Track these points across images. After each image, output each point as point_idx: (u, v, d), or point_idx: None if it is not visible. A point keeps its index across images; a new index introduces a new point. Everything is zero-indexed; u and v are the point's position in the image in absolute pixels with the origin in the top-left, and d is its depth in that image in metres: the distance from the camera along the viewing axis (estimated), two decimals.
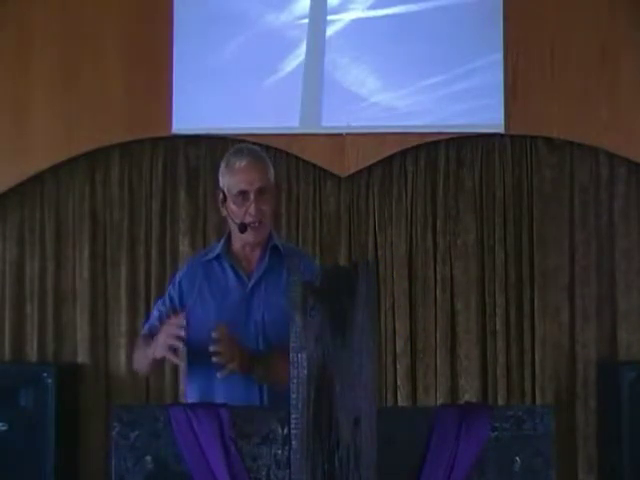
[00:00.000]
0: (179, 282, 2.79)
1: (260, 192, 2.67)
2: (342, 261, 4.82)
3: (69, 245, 5.02)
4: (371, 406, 1.85)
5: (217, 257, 2.76)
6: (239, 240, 2.75)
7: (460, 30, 4.85)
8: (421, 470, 1.91)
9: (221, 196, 2.74)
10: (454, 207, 4.91)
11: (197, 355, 2.63)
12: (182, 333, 2.49)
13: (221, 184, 2.73)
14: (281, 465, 1.90)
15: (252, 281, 2.71)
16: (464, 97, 4.83)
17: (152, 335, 2.70)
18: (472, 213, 4.90)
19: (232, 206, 2.69)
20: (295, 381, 1.85)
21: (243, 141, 4.93)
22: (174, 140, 4.99)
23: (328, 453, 1.81)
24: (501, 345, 4.80)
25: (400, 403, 4.67)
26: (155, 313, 2.83)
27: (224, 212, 2.75)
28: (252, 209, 2.65)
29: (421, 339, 4.86)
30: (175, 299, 2.78)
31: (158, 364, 2.70)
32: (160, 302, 2.85)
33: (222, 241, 2.79)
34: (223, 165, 2.73)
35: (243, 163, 2.68)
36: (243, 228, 2.67)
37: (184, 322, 2.50)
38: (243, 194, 2.67)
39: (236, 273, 2.73)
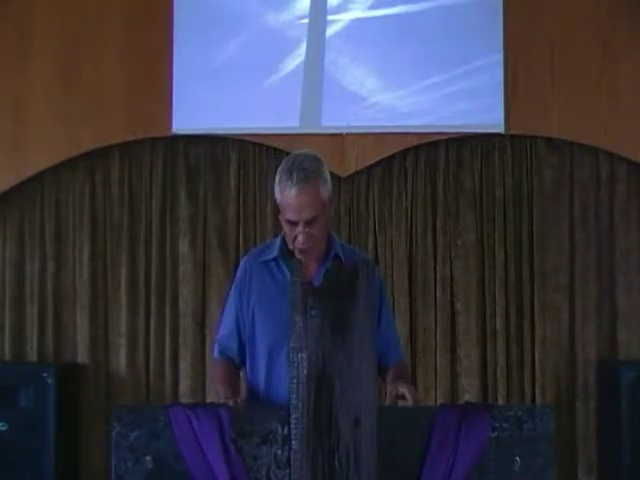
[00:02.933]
0: (239, 287, 2.72)
1: (309, 221, 2.56)
2: None
3: (69, 245, 5.02)
4: (371, 406, 1.85)
5: (274, 259, 2.69)
6: None
7: (460, 30, 4.84)
8: (421, 470, 1.91)
9: (276, 203, 2.66)
10: (454, 207, 4.91)
11: (259, 356, 2.64)
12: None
13: (274, 195, 2.64)
14: (281, 465, 1.91)
15: None
16: (464, 97, 4.82)
17: (227, 357, 2.71)
18: (472, 213, 4.90)
19: (283, 224, 2.62)
20: (295, 381, 1.85)
21: (243, 141, 4.97)
22: (174, 140, 4.99)
23: (328, 453, 1.81)
24: (501, 345, 4.80)
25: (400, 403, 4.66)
26: (223, 331, 2.76)
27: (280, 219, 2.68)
28: (300, 238, 2.56)
29: (421, 339, 4.86)
30: (237, 304, 2.72)
31: None
32: (225, 314, 2.78)
33: (279, 242, 2.71)
34: (277, 178, 2.61)
35: (292, 192, 2.53)
36: (292, 254, 2.63)
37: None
38: (292, 222, 2.58)
39: None
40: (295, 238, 2.58)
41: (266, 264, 2.71)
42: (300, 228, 2.55)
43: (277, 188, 2.59)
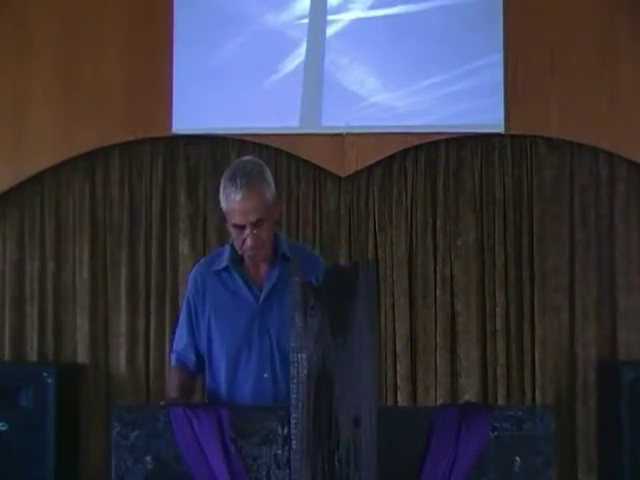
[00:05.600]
0: (193, 298, 2.76)
1: (256, 223, 2.59)
2: (342, 261, 4.82)
3: (69, 245, 5.02)
4: (371, 406, 1.85)
5: (225, 268, 2.72)
6: None
7: (460, 30, 4.84)
8: (421, 470, 1.91)
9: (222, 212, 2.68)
10: (454, 207, 4.91)
11: (218, 363, 2.68)
12: None
13: (220, 204, 2.66)
14: (281, 465, 1.91)
15: (263, 294, 2.67)
16: (464, 97, 4.82)
17: (184, 366, 2.76)
18: (472, 213, 4.90)
19: (231, 230, 2.65)
20: (295, 381, 1.85)
21: (243, 141, 4.96)
22: (174, 140, 4.99)
23: (328, 453, 1.81)
24: (501, 345, 4.80)
25: (400, 403, 4.67)
26: (179, 343, 2.80)
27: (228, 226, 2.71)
28: (249, 241, 2.60)
29: (421, 339, 4.86)
30: (192, 315, 2.75)
31: None
32: (180, 326, 2.81)
33: (227, 250, 2.74)
34: (221, 186, 2.64)
35: (238, 197, 2.57)
36: (242, 260, 2.68)
37: None
38: (239, 226, 2.61)
39: (247, 284, 2.69)
40: (243, 242, 2.61)
41: (217, 274, 2.73)
42: (247, 231, 2.59)
43: (222, 197, 2.63)
